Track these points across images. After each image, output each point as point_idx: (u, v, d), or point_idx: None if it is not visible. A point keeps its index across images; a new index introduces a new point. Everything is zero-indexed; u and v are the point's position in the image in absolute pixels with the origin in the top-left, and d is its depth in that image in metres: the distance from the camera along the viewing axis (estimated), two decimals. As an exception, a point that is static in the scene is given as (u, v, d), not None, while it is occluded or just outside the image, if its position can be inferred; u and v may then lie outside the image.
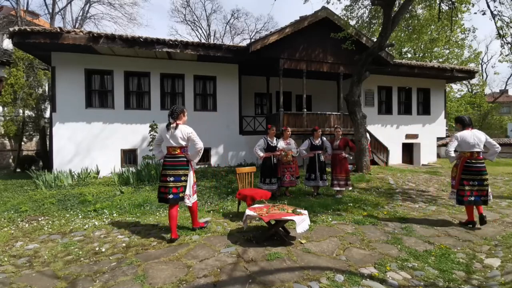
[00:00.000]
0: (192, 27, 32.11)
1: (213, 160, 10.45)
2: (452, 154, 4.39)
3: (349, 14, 10.20)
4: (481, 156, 4.29)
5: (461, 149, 4.36)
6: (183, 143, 3.84)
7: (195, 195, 4.08)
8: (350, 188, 6.61)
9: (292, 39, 9.91)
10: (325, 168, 6.57)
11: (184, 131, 3.81)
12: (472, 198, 4.26)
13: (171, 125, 3.81)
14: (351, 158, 6.52)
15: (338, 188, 6.38)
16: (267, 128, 6.37)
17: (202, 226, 4.23)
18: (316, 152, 6.43)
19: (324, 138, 6.59)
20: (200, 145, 3.87)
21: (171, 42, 8.83)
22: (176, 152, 3.84)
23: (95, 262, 3.18)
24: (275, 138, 6.36)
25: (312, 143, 6.48)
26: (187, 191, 3.85)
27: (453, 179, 4.52)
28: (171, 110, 3.89)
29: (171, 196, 3.74)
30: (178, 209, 4.07)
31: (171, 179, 3.77)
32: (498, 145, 4.30)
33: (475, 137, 4.25)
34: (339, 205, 5.53)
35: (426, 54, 22.43)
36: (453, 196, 4.47)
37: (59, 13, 19.20)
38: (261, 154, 6.11)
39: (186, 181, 3.84)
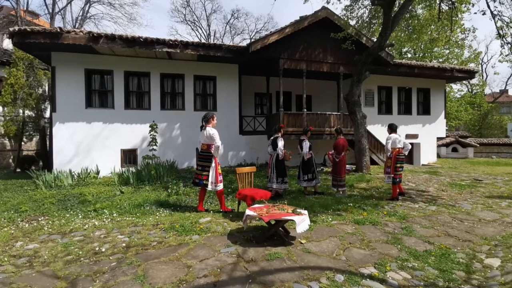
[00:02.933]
0: (192, 27, 32.13)
1: (213, 160, 10.44)
2: (390, 149, 6.25)
3: (349, 14, 10.19)
4: (402, 151, 6.31)
5: (394, 146, 6.25)
6: (208, 141, 4.90)
7: (221, 184, 5.04)
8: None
9: (292, 39, 9.90)
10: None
11: (208, 132, 4.89)
12: (399, 180, 6.25)
13: (202, 127, 4.95)
14: (337, 160, 6.69)
15: (334, 189, 6.73)
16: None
17: (228, 210, 5.06)
18: (312, 152, 6.64)
19: None
20: (218, 143, 4.86)
21: (171, 42, 8.83)
22: (205, 148, 4.96)
23: (95, 262, 3.18)
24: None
25: (310, 144, 6.66)
26: (210, 179, 4.91)
27: (388, 167, 6.30)
28: (204, 115, 5.07)
29: (197, 181, 4.99)
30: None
31: (199, 168, 5.00)
32: (409, 144, 6.48)
33: (399, 138, 6.29)
34: (339, 205, 5.53)
35: (426, 54, 22.44)
36: (389, 180, 6.23)
37: (59, 13, 19.19)
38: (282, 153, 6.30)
39: (208, 171, 4.91)
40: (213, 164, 4.92)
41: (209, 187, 4.90)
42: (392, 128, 6.42)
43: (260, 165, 10.17)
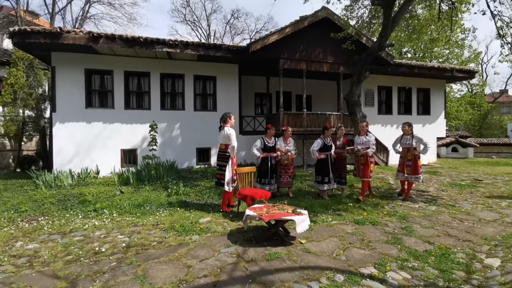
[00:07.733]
0: (192, 27, 32.16)
1: (213, 160, 10.45)
2: None
3: (349, 14, 10.17)
4: None
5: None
6: (225, 141, 4.98)
7: (234, 184, 5.11)
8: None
9: (292, 39, 9.90)
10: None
11: (226, 132, 4.95)
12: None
13: (221, 128, 5.03)
14: (349, 157, 6.50)
15: (340, 186, 6.41)
16: (267, 128, 6.23)
17: (228, 211, 5.05)
18: (329, 153, 6.07)
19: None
20: (233, 144, 4.92)
21: (171, 42, 8.83)
22: (222, 148, 5.05)
23: (95, 262, 3.18)
24: (273, 138, 6.22)
25: (325, 143, 6.05)
26: (226, 179, 4.94)
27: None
28: (221, 116, 5.12)
29: (216, 180, 5.16)
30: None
31: (218, 167, 5.12)
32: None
33: None
34: (339, 205, 5.53)
35: (426, 54, 22.44)
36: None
37: (59, 13, 19.22)
38: (258, 154, 5.97)
39: (225, 171, 4.95)
40: (229, 164, 4.97)
41: (226, 188, 4.95)
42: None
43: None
